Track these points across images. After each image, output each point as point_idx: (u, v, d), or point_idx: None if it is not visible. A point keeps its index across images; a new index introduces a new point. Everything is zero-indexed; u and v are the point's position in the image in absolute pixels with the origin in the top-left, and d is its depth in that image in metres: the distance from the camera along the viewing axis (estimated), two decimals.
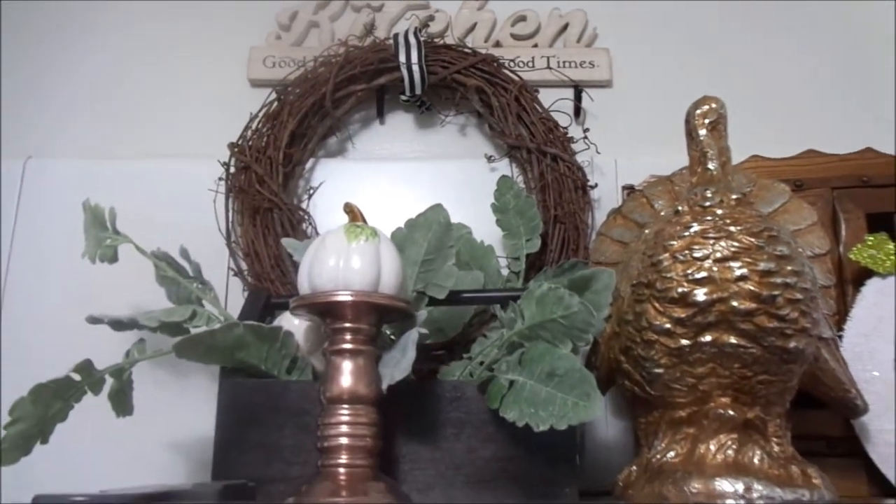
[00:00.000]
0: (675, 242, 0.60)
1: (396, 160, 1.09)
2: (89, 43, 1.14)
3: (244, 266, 0.98)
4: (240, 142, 1.02)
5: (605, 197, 1.04)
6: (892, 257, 0.79)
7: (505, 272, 0.97)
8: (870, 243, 0.81)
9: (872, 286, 0.79)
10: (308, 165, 1.05)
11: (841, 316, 0.79)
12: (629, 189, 0.93)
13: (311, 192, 1.01)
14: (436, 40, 1.06)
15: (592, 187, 1.02)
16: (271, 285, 0.95)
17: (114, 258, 0.78)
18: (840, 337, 0.76)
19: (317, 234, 0.98)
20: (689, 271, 0.59)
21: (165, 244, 0.82)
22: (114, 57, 1.14)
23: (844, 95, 1.12)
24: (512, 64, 1.08)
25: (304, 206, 1.00)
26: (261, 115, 1.03)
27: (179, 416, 0.95)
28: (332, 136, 1.07)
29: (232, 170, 1.00)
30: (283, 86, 1.04)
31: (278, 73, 1.08)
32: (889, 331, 0.76)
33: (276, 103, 1.03)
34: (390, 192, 1.06)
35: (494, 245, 0.97)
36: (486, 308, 0.96)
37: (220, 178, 1.00)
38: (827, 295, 0.77)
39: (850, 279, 0.82)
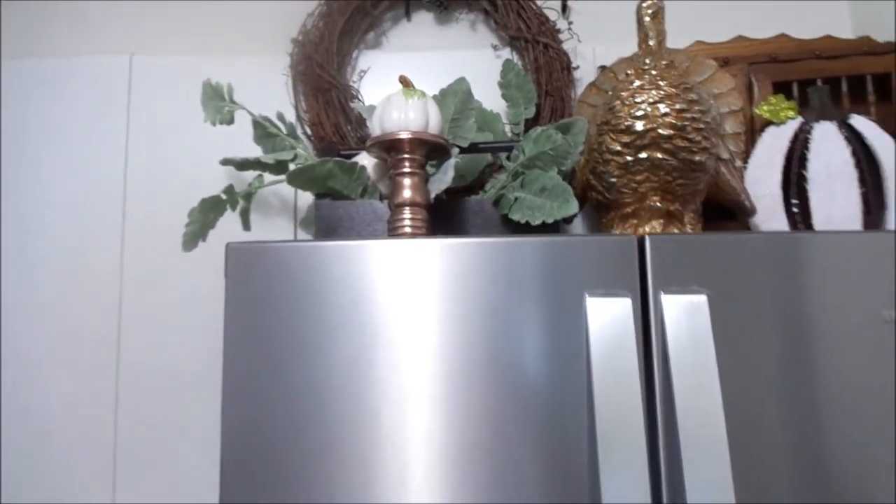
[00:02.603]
0: (624, 93, 0.92)
1: (420, 50, 1.38)
2: None
3: (310, 132, 1.29)
4: (300, 37, 1.31)
5: (585, 76, 1.34)
6: (787, 112, 1.11)
7: (509, 133, 1.28)
8: (772, 102, 1.12)
9: (770, 132, 1.11)
10: (354, 55, 1.35)
11: (748, 153, 1.11)
12: (602, 68, 1.23)
13: (362, 74, 1.31)
14: None
15: (575, 69, 1.33)
16: (331, 146, 1.26)
17: (231, 121, 1.09)
18: (745, 167, 1.09)
19: (364, 107, 1.28)
20: (632, 111, 0.91)
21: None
22: None
23: None
24: None
25: (355, 86, 1.30)
26: (316, 13, 1.31)
27: None
28: (371, 31, 1.36)
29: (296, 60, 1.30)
30: None
31: None
32: (778, 162, 1.08)
33: (325, 6, 1.31)
34: (417, 76, 1.35)
35: (500, 114, 1.28)
36: (495, 161, 1.28)
37: (288, 66, 1.30)
38: (738, 139, 1.09)
39: (758, 128, 1.14)
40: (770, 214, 1.07)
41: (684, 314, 0.74)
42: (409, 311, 0.76)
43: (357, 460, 0.73)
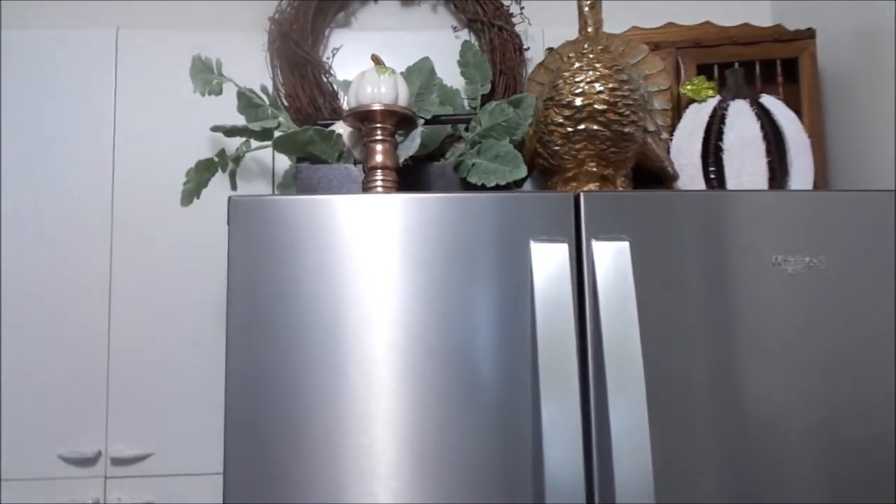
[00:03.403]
0: (566, 73, 1.07)
1: (387, 30, 1.52)
2: None
3: (286, 104, 1.42)
4: (276, 16, 1.43)
5: (535, 56, 1.49)
6: (707, 91, 1.28)
7: (467, 107, 1.43)
8: (695, 82, 1.29)
9: (692, 108, 1.28)
10: (326, 34, 1.47)
11: (674, 126, 1.28)
12: (550, 49, 1.39)
13: (334, 52, 1.44)
14: None
15: (526, 50, 1.48)
16: (308, 116, 1.39)
17: (219, 92, 1.21)
18: (671, 139, 1.26)
19: (337, 81, 1.42)
20: (573, 89, 1.06)
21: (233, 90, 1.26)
22: None
23: None
24: None
25: (328, 62, 1.43)
26: None
27: None
28: (341, 12, 1.49)
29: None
30: None
31: None
32: (699, 135, 1.25)
33: None
34: (383, 54, 1.48)
35: (459, 90, 1.43)
36: (455, 133, 1.42)
37: (266, 43, 1.42)
38: (666, 115, 1.26)
39: (683, 105, 1.31)
40: (691, 180, 1.24)
41: (610, 257, 0.90)
42: (380, 256, 0.91)
43: (343, 377, 0.88)
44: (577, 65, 1.07)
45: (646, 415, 0.86)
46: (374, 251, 0.91)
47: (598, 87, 1.06)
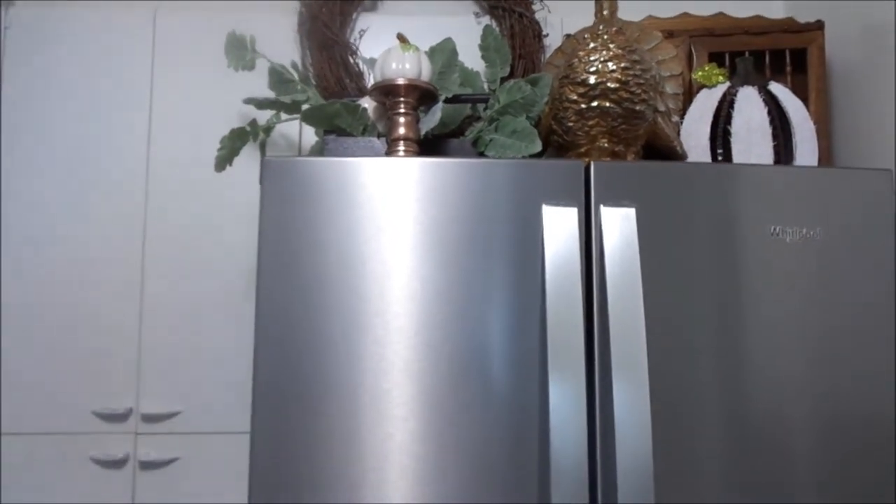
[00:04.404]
0: (581, 52, 1.14)
1: (412, 14, 1.58)
2: None
3: (314, 83, 1.49)
4: None
5: (553, 43, 1.55)
6: (718, 77, 1.34)
7: (486, 90, 1.49)
8: (706, 69, 1.35)
9: (703, 93, 1.33)
10: (353, 17, 1.54)
11: (685, 110, 1.34)
12: (568, 35, 1.45)
13: (361, 34, 1.51)
14: None
15: (545, 36, 1.54)
16: (335, 95, 1.46)
17: (252, 67, 1.29)
18: (681, 122, 1.32)
19: (364, 62, 1.49)
20: (587, 67, 1.12)
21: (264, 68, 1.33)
22: None
23: None
24: None
25: (354, 44, 1.51)
26: None
27: None
28: None
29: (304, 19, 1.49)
30: None
31: None
32: (708, 118, 1.31)
33: None
34: (408, 36, 1.56)
35: (479, 73, 1.49)
36: (474, 113, 1.49)
37: (297, 24, 1.50)
38: (677, 99, 1.32)
39: (694, 91, 1.36)
40: (699, 161, 1.30)
41: (617, 222, 0.96)
42: (401, 215, 0.98)
43: (366, 329, 0.95)
44: (591, 45, 1.13)
45: (646, 370, 0.92)
46: (395, 211, 0.98)
47: (611, 66, 1.12)
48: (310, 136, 1.50)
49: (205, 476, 1.46)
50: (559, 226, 0.96)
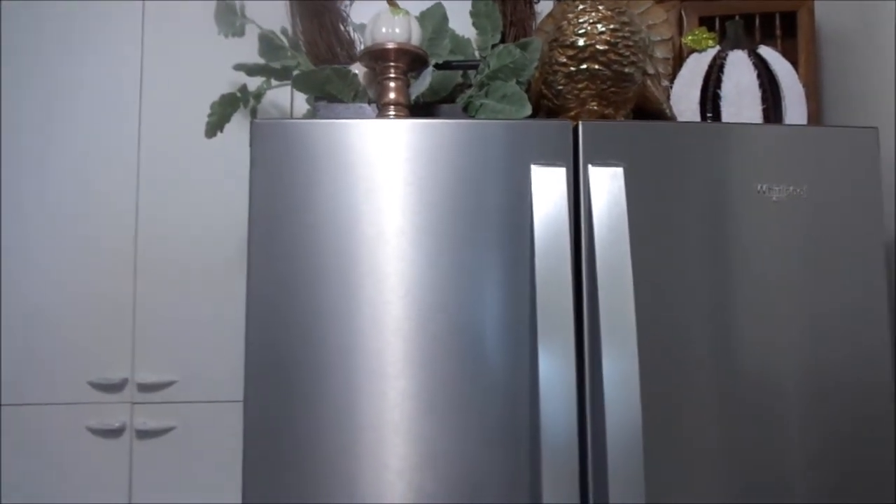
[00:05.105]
0: (570, 14, 1.14)
1: None
2: None
3: (305, 51, 1.49)
4: None
5: (545, 9, 1.55)
6: (707, 41, 1.34)
7: (477, 57, 1.49)
8: (696, 33, 1.35)
9: (693, 57, 1.34)
10: None
11: (675, 74, 1.34)
12: (558, 0, 1.45)
13: (351, 1, 1.51)
14: None
15: (537, 3, 1.53)
16: (326, 63, 1.46)
17: (242, 33, 1.29)
18: (671, 86, 1.32)
19: (354, 29, 1.48)
20: (576, 30, 1.12)
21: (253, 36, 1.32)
22: None
23: None
24: None
25: (345, 11, 1.50)
26: None
27: None
28: None
29: None
30: None
31: None
32: (698, 82, 1.31)
33: None
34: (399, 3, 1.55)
35: (471, 40, 1.49)
36: (465, 81, 1.49)
37: None
38: (667, 63, 1.32)
39: (684, 56, 1.37)
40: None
41: (605, 181, 0.97)
42: (392, 176, 0.98)
43: (357, 289, 0.96)
44: (580, 7, 1.13)
45: (634, 329, 0.93)
46: (386, 172, 0.98)
47: (600, 27, 1.12)
48: (301, 104, 1.50)
49: (201, 444, 1.47)
50: (548, 185, 0.96)
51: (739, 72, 1.30)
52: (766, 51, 1.33)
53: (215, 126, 1.19)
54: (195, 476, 1.46)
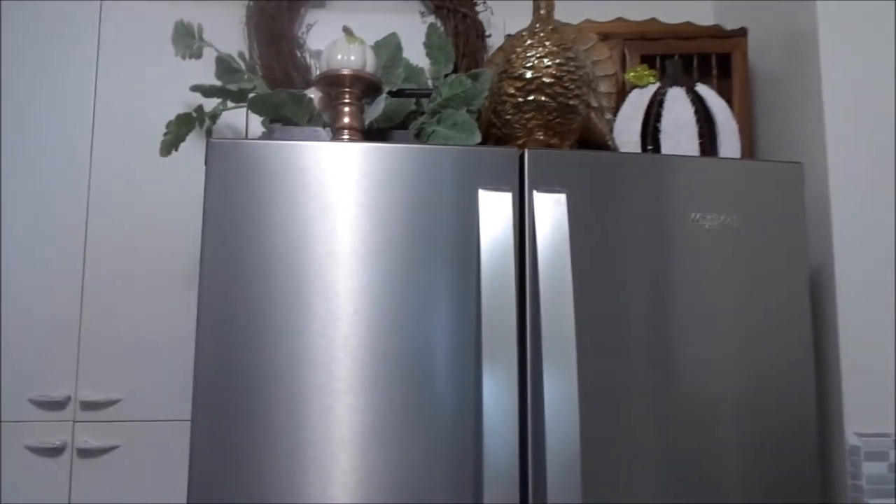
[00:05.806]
0: (518, 49, 1.19)
1: (358, 11, 1.62)
2: None
3: (262, 74, 1.51)
4: None
5: (496, 43, 1.61)
6: (648, 78, 1.41)
7: (430, 86, 1.54)
8: (638, 70, 1.42)
9: (635, 93, 1.41)
10: (302, 11, 1.58)
11: (618, 108, 1.41)
12: (509, 36, 1.51)
13: (308, 28, 1.54)
14: None
15: (488, 36, 1.60)
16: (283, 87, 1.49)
17: (199, 55, 1.31)
18: (614, 119, 1.39)
19: (311, 55, 1.52)
20: (524, 63, 1.18)
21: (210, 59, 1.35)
22: None
23: None
24: None
25: (302, 38, 1.54)
26: None
27: None
28: None
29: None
30: None
31: None
32: (639, 116, 1.38)
33: None
34: (356, 33, 1.60)
35: (424, 69, 1.54)
36: (418, 109, 1.53)
37: (245, 17, 1.52)
38: (611, 98, 1.39)
39: (626, 91, 1.44)
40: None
41: (549, 206, 1.02)
42: (344, 197, 1.01)
43: (307, 305, 0.98)
44: (528, 42, 1.19)
45: (574, 352, 0.98)
46: (339, 193, 1.01)
47: (546, 62, 1.17)
48: (256, 126, 1.52)
49: (146, 464, 1.46)
50: (494, 210, 1.01)
51: (678, 107, 1.37)
52: (703, 89, 1.40)
53: (171, 145, 1.21)
54: (137, 496, 1.44)
